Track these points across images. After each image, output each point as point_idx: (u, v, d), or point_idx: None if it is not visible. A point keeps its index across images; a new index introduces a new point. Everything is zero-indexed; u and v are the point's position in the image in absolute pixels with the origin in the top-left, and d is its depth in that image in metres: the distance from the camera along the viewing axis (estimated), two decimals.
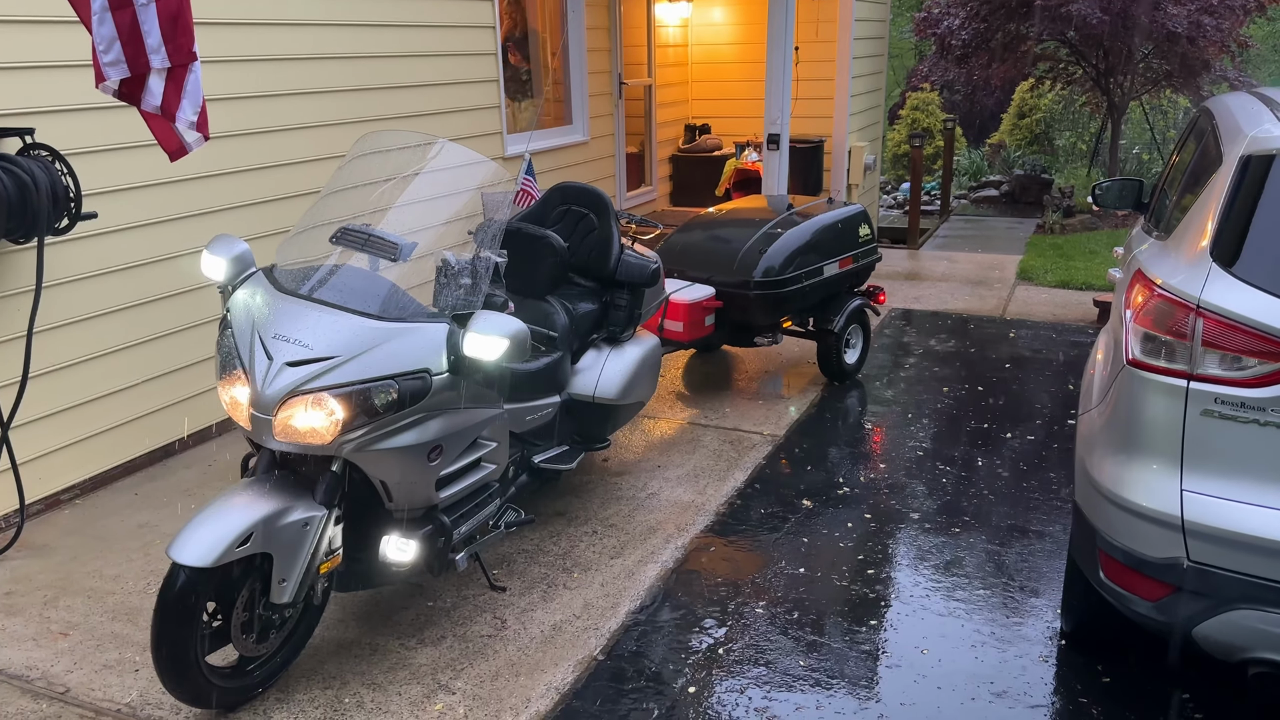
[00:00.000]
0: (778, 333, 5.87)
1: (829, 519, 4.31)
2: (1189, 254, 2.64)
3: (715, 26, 11.01)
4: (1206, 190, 2.74)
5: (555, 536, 4.10)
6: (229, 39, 4.89)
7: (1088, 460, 2.85)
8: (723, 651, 3.36)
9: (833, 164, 10.63)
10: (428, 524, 3.22)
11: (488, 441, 3.39)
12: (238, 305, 3.07)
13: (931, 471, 4.79)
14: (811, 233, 5.74)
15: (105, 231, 4.38)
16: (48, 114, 4.07)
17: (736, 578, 3.83)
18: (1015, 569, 3.89)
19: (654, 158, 10.46)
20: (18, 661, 3.28)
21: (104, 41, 3.04)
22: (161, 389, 4.78)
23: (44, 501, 4.30)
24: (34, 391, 4.09)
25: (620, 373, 4.22)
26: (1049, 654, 3.33)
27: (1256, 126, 2.71)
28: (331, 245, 3.20)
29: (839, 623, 3.53)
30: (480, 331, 2.93)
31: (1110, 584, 2.71)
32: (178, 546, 2.74)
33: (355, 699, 3.09)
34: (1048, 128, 17.03)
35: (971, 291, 8.52)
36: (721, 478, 4.68)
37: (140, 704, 3.06)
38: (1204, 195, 2.74)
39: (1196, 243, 2.63)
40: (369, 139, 3.45)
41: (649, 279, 4.31)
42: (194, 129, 3.32)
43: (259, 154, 5.15)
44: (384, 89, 6.00)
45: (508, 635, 3.42)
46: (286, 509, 2.89)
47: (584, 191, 4.45)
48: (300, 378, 2.84)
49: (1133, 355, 2.63)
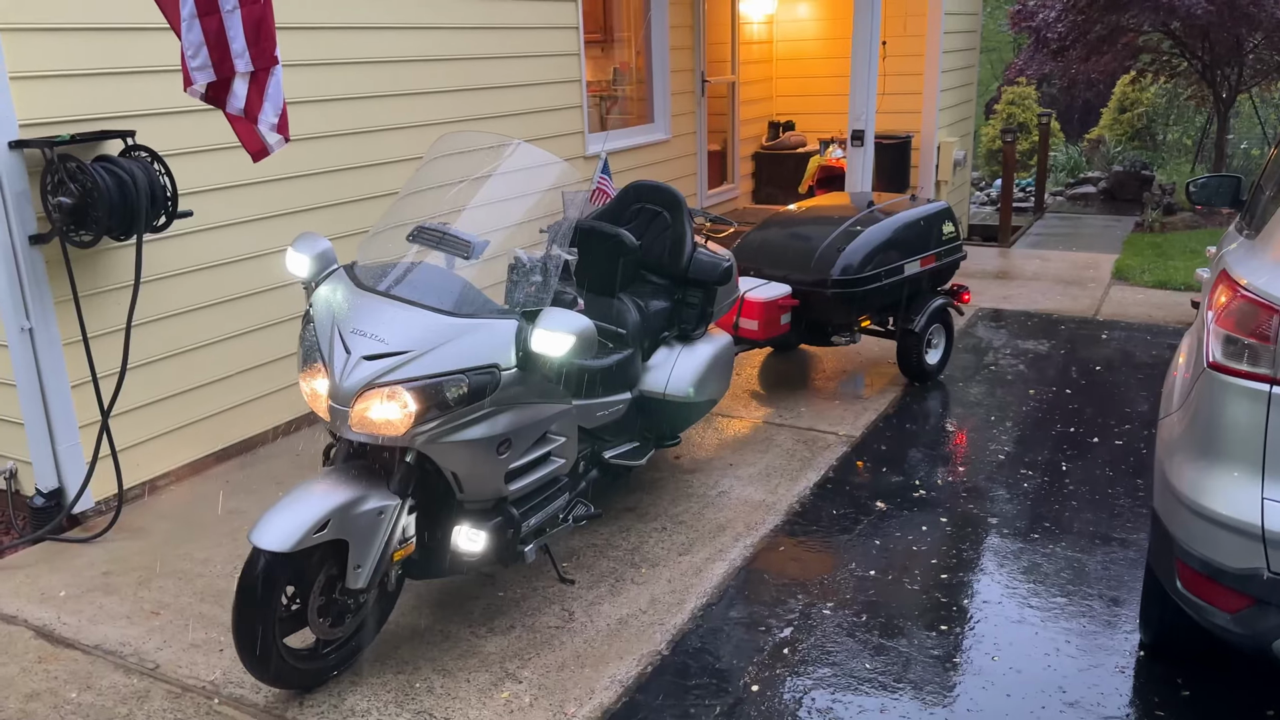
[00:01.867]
0: (856, 332, 5.81)
1: (903, 522, 4.25)
2: (1276, 254, 2.54)
3: (800, 22, 10.92)
4: None
5: (624, 532, 4.14)
6: (317, 42, 5.05)
7: (1166, 466, 2.76)
8: (788, 651, 3.35)
9: (920, 160, 10.45)
10: (497, 515, 3.28)
11: (556, 436, 3.44)
12: (319, 301, 3.18)
13: (1013, 476, 4.68)
14: (892, 230, 5.66)
15: (199, 229, 4.58)
16: (147, 117, 4.27)
17: (805, 578, 3.81)
18: (1096, 577, 3.78)
19: (736, 155, 10.42)
20: (113, 638, 3.46)
21: (192, 47, 3.18)
22: (251, 381, 4.96)
23: (141, 487, 4.51)
24: (132, 382, 4.30)
25: (691, 370, 4.23)
26: (1126, 665, 3.23)
27: None
28: (408, 243, 3.30)
29: (908, 626, 3.49)
30: (547, 328, 2.98)
31: (1187, 594, 2.62)
32: (259, 532, 2.86)
33: (426, 684, 3.18)
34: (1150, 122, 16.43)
35: (1063, 291, 8.28)
36: (794, 477, 4.65)
37: (223, 682, 3.20)
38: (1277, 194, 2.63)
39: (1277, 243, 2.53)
40: (446, 140, 3.53)
41: (721, 277, 4.31)
42: (275, 131, 3.45)
43: (346, 155, 5.31)
44: (468, 90, 6.11)
45: (574, 627, 3.47)
46: (362, 498, 2.99)
47: (658, 189, 4.47)
48: (376, 371, 2.93)
49: (1214, 358, 2.54)
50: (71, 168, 3.85)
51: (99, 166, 3.88)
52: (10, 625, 3.55)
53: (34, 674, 3.27)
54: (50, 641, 3.45)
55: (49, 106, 3.97)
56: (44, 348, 4.04)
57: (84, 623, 3.55)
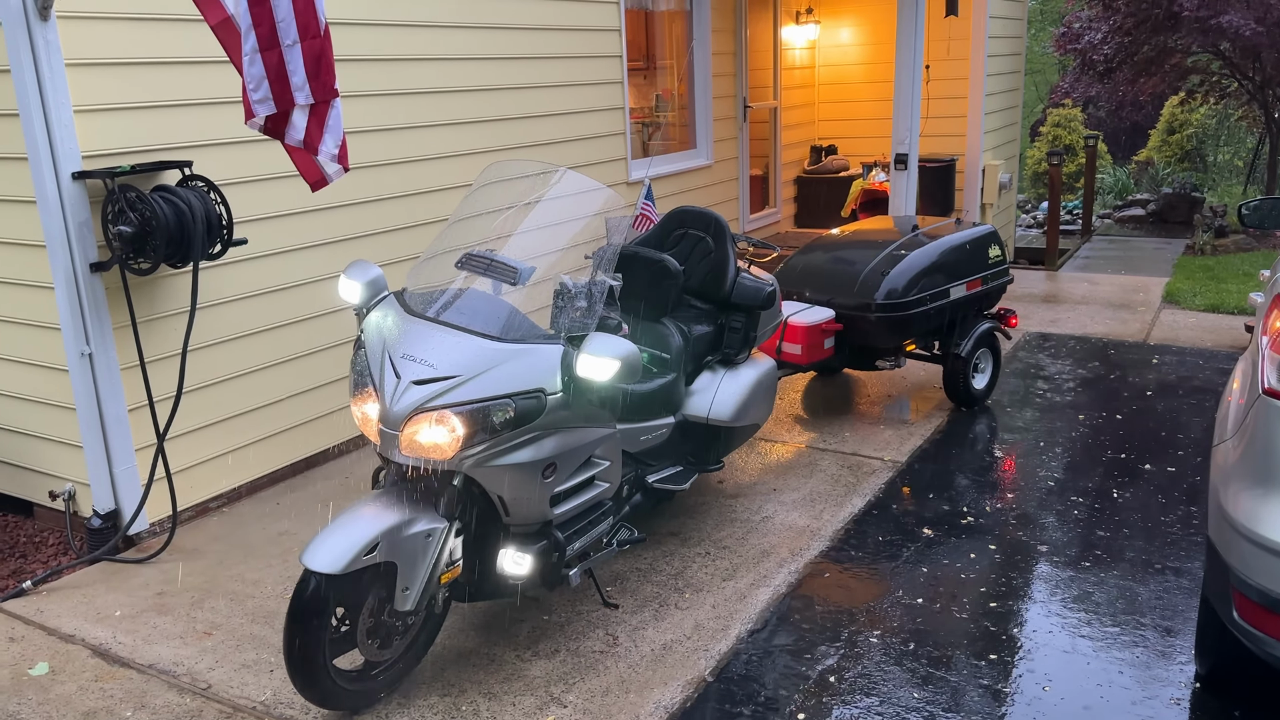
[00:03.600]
0: (900, 356, 5.78)
1: (951, 549, 4.21)
2: None
3: (843, 47, 10.94)
4: None
5: (668, 556, 4.14)
6: (367, 73, 5.16)
7: (1222, 493, 2.71)
8: (834, 679, 3.33)
9: (965, 183, 10.40)
10: (542, 539, 3.31)
11: (601, 460, 3.46)
12: (370, 326, 3.24)
13: (1063, 503, 4.62)
14: (938, 254, 5.63)
15: (254, 257, 4.68)
16: (204, 147, 4.39)
17: (851, 605, 3.79)
18: (1149, 607, 3.71)
19: (779, 179, 10.44)
20: (166, 658, 3.52)
21: (254, 80, 3.28)
22: (303, 405, 5.05)
23: (194, 509, 4.60)
24: (187, 406, 4.40)
25: (734, 395, 4.24)
26: (1181, 698, 3.16)
27: None
28: (456, 270, 3.35)
29: (956, 655, 3.45)
30: (592, 353, 3.01)
31: (1244, 625, 2.57)
32: (310, 553, 2.91)
33: (472, 707, 3.20)
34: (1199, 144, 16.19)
35: (1112, 315, 8.17)
36: (839, 503, 4.63)
37: (274, 703, 3.25)
38: None
39: None
40: (494, 169, 3.59)
41: (764, 301, 4.32)
42: (335, 161, 3.53)
43: (396, 183, 5.41)
44: (514, 119, 6.21)
45: (619, 652, 3.47)
46: (410, 520, 3.03)
47: (701, 215, 4.50)
48: (425, 396, 2.98)
49: (1269, 384, 2.50)
50: (131, 197, 3.96)
51: (157, 196, 3.99)
52: (69, 644, 3.63)
53: (91, 692, 3.34)
54: (107, 660, 3.52)
55: (110, 138, 4.10)
56: (103, 372, 4.15)
57: (139, 642, 3.62)
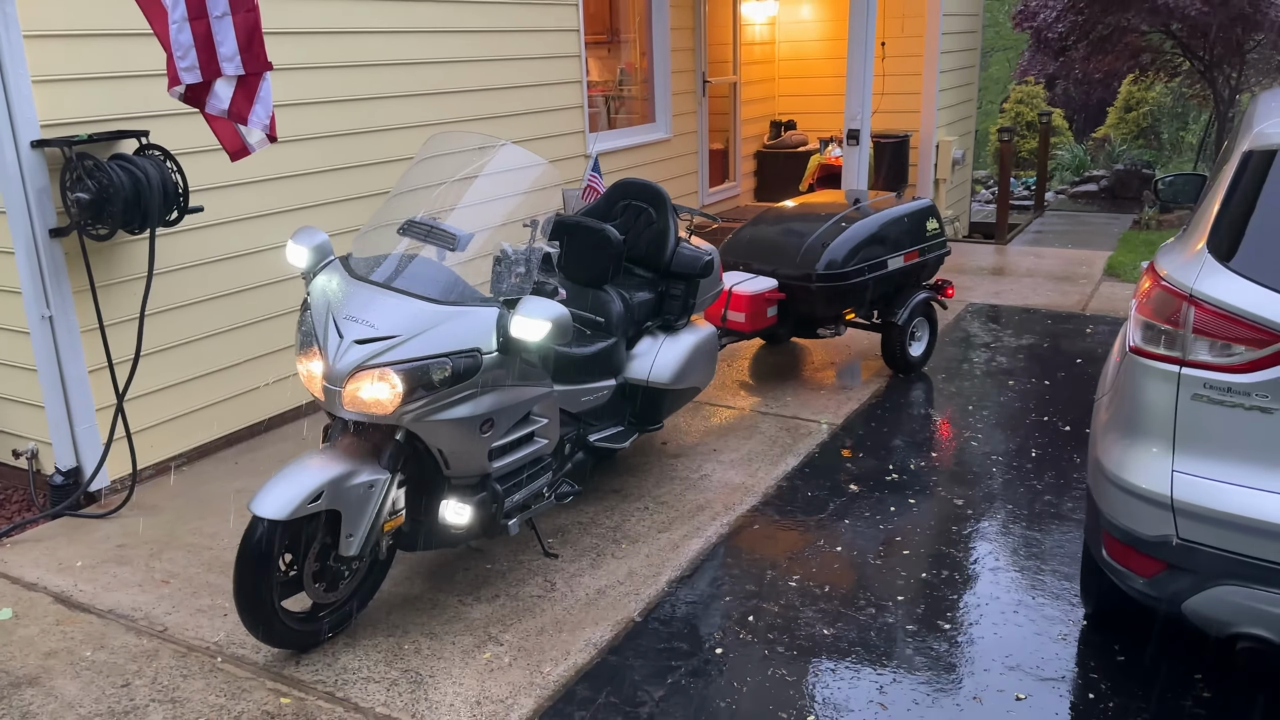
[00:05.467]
0: (841, 324, 6.02)
1: (873, 503, 4.46)
2: (1192, 248, 2.74)
3: (803, 24, 11.12)
4: (1217, 185, 2.83)
5: (609, 511, 4.37)
6: (319, 46, 5.30)
7: (1097, 444, 2.96)
8: (752, 618, 3.58)
9: (920, 158, 10.65)
10: (482, 491, 3.52)
11: (539, 418, 3.68)
12: (316, 289, 3.43)
13: (982, 461, 4.89)
14: (877, 226, 5.86)
15: (210, 224, 4.83)
16: (161, 117, 4.53)
17: (774, 554, 4.04)
18: (1050, 554, 3.98)
19: (738, 154, 10.63)
20: (125, 604, 3.72)
21: (180, 49, 3.41)
22: (259, 369, 5.22)
23: (154, 467, 4.78)
24: (146, 368, 4.56)
25: (673, 359, 4.46)
26: (1069, 634, 3.44)
27: (1266, 121, 2.78)
28: (399, 237, 3.54)
29: (866, 597, 3.70)
30: (525, 315, 3.22)
31: (1111, 561, 2.83)
32: (257, 501, 3.11)
33: (414, 646, 3.42)
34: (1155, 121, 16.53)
35: (1054, 287, 8.45)
36: (774, 462, 4.87)
37: (226, 643, 3.45)
38: (1213, 190, 2.83)
39: (1200, 237, 2.73)
40: (436, 140, 3.77)
41: (702, 270, 4.53)
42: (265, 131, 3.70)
43: (350, 154, 5.56)
44: (470, 91, 6.35)
45: (555, 596, 3.70)
46: (354, 471, 3.23)
47: (644, 187, 4.70)
48: (366, 354, 3.17)
49: (1133, 343, 2.75)
50: (89, 165, 4.11)
51: (115, 164, 4.14)
52: (31, 592, 3.82)
53: (52, 634, 3.54)
54: (67, 606, 3.71)
55: (68, 108, 4.24)
56: (63, 335, 4.30)
57: (99, 590, 3.81)
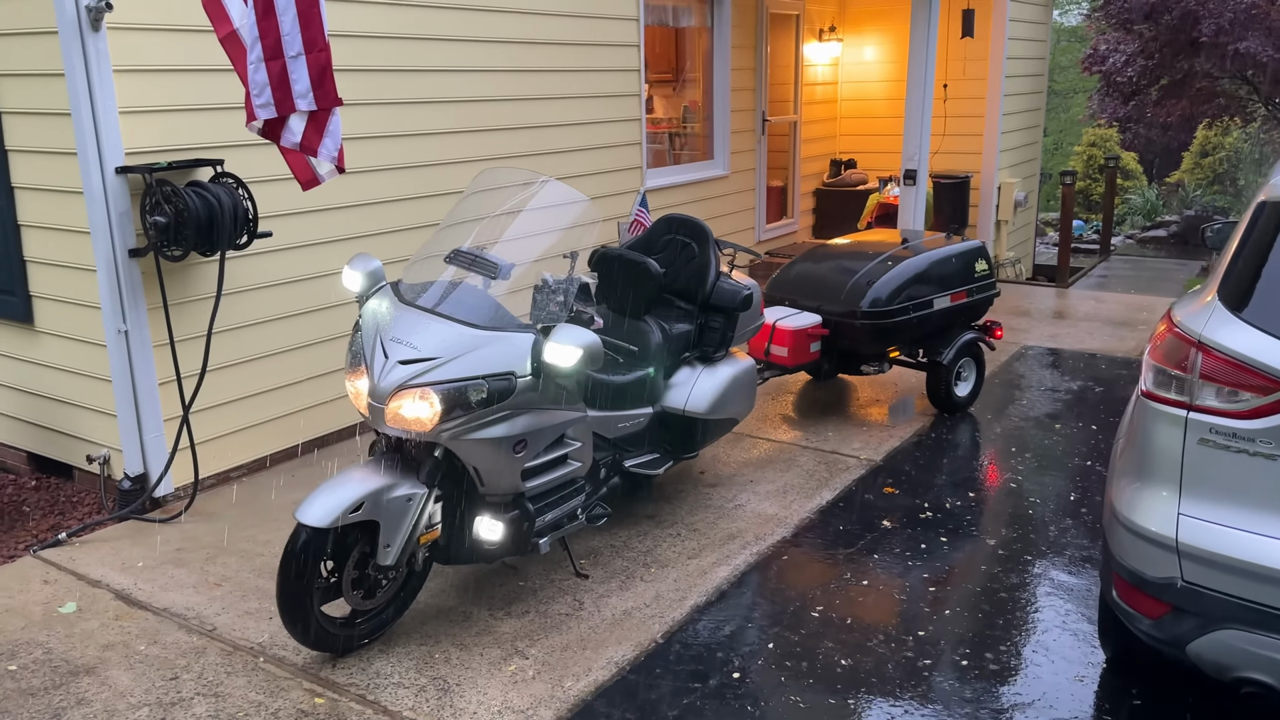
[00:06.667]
0: (885, 362, 6.07)
1: (904, 539, 4.51)
2: (1205, 297, 2.79)
3: (866, 65, 11.22)
4: (1233, 236, 2.88)
5: (641, 536, 4.48)
6: (388, 84, 5.58)
7: (1112, 487, 3.00)
8: (773, 646, 3.66)
9: (980, 199, 10.63)
10: (514, 509, 3.68)
11: (572, 441, 3.83)
12: (367, 312, 3.64)
13: (1019, 503, 4.89)
14: (924, 266, 5.91)
15: (277, 249, 5.11)
16: (235, 148, 4.82)
17: (801, 584, 4.11)
18: (1078, 596, 3.99)
19: (797, 191, 10.75)
20: (179, 603, 3.94)
21: (257, 86, 3.70)
22: (318, 387, 5.47)
23: (215, 477, 5.03)
24: (212, 383, 4.82)
25: (710, 389, 4.58)
26: (1087, 675, 3.45)
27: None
28: (445, 265, 3.74)
29: (888, 632, 3.75)
30: (558, 341, 3.38)
31: (1120, 603, 2.86)
32: (302, 509, 3.30)
33: (444, 655, 3.57)
34: (1232, 167, 16.21)
35: (1112, 332, 8.37)
36: (809, 495, 4.95)
37: (269, 644, 3.65)
38: (1230, 240, 2.88)
39: (1213, 287, 2.78)
40: (485, 175, 3.97)
41: (741, 304, 4.65)
42: (333, 163, 3.95)
43: (413, 186, 5.81)
44: (532, 128, 6.59)
45: (583, 615, 3.83)
46: (394, 485, 3.42)
47: (687, 222, 4.85)
48: (409, 374, 3.36)
49: (1145, 387, 2.80)
50: (167, 191, 4.40)
51: (190, 190, 4.42)
52: (95, 588, 4.07)
53: (111, 629, 3.77)
54: (127, 603, 3.95)
55: (150, 137, 4.55)
56: (137, 349, 4.59)
57: (156, 589, 4.05)
